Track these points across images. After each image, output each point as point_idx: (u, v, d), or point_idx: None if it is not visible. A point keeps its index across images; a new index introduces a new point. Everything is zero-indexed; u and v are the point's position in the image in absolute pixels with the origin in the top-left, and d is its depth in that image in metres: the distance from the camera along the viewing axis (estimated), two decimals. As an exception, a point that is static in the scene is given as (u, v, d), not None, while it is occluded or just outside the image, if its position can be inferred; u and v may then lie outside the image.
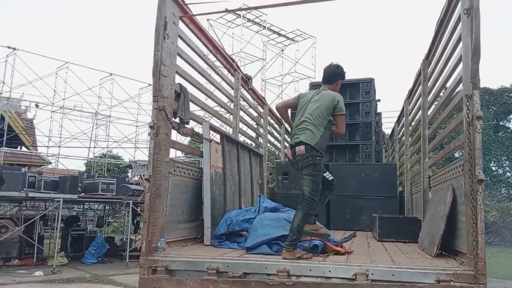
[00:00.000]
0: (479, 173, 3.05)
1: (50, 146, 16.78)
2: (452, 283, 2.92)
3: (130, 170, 28.04)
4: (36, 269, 11.71)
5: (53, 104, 16.94)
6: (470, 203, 3.08)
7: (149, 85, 19.18)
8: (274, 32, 22.50)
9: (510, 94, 37.06)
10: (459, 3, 3.58)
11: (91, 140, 18.24)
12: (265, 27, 21.58)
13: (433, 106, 5.23)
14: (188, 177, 4.49)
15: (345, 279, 3.07)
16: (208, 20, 20.02)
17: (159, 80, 3.83)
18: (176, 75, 4.28)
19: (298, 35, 23.44)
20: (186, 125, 4.49)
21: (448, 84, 4.32)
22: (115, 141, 18.98)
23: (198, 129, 5.23)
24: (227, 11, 21.74)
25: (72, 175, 14.40)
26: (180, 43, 4.38)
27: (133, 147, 18.60)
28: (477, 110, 3.14)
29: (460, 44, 3.63)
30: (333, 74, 4.11)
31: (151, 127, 3.76)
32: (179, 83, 4.35)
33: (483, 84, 3.26)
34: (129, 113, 19.12)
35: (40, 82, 16.61)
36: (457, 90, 4.02)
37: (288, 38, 23.64)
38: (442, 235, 3.68)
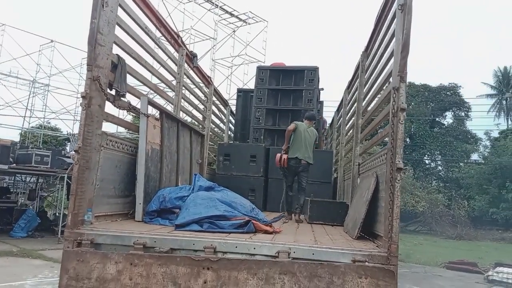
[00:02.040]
0: (399, 161, 3.25)
1: (-20, 113, 15.66)
2: (366, 263, 3.12)
3: (68, 144, 26.90)
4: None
5: (-15, 68, 15.80)
6: (388, 189, 3.28)
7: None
8: (227, 12, 22.22)
9: (448, 92, 39.35)
10: (395, 1, 3.75)
11: (26, 109, 17.25)
12: (217, 5, 21.27)
13: (367, 98, 5.47)
14: (122, 152, 4.40)
15: (268, 256, 3.20)
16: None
17: (95, 49, 3.71)
18: (115, 45, 4.15)
19: (250, 17, 23.33)
20: (122, 98, 4.37)
21: (380, 77, 4.53)
22: (53, 112, 18.07)
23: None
24: None
25: (3, 144, 13.55)
26: (121, 13, 4.25)
27: (72, 119, 17.79)
28: (402, 103, 3.31)
29: (394, 39, 3.81)
30: (312, 117, 6.60)
31: (83, 97, 3.64)
32: (116, 54, 4.23)
33: (423, 80, 3.47)
34: (70, 83, 18.22)
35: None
36: (387, 84, 4.24)
37: (240, 20, 23.45)
38: (364, 219, 3.91)
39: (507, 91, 41.43)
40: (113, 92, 4.19)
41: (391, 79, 3.92)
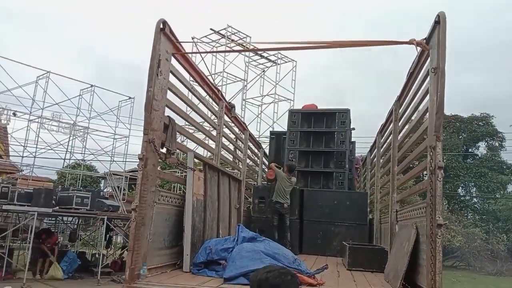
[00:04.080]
0: (439, 218, 3.39)
1: (24, 156, 16.51)
2: (412, 318, 3.23)
3: (102, 181, 27.74)
4: (5, 284, 11.47)
5: (30, 113, 16.77)
6: (430, 244, 3.41)
7: (129, 98, 19.24)
8: (257, 53, 23.02)
9: (480, 123, 38.62)
10: (428, 61, 3.98)
11: (67, 151, 18.06)
12: (248, 48, 22.09)
13: (403, 147, 5.63)
14: (171, 205, 4.69)
15: (317, 311, 3.34)
16: (193, 38, 20.33)
17: (150, 114, 4.07)
18: (166, 108, 4.52)
19: (279, 58, 24.05)
20: (172, 155, 4.71)
21: (415, 129, 4.71)
22: (92, 153, 18.85)
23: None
24: (216, 51, 22.12)
25: (46, 188, 14.24)
26: (171, 78, 4.64)
27: (109, 160, 18.48)
28: (439, 161, 3.49)
29: (427, 97, 4.02)
30: (292, 168, 8.07)
31: (140, 159, 3.97)
32: (168, 116, 4.59)
33: (455, 111, 3.64)
34: (107, 126, 19.06)
35: (19, 90, 16.46)
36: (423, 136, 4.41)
37: (269, 60, 24.21)
38: (406, 270, 4.01)
39: (542, 119, 40.26)
40: (164, 150, 4.53)
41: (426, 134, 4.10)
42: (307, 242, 8.06)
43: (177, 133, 4.88)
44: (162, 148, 4.47)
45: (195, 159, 5.24)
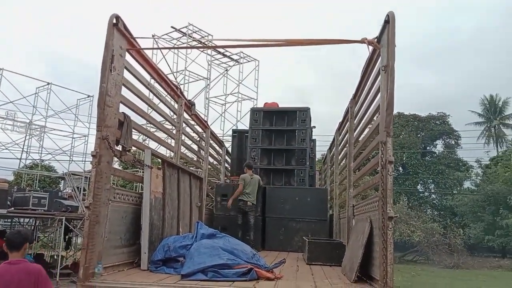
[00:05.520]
0: (390, 210, 3.51)
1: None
2: (364, 307, 3.33)
3: (62, 181, 26.87)
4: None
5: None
6: (381, 236, 3.52)
7: (88, 96, 18.72)
8: (219, 52, 22.94)
9: (437, 122, 40.18)
10: (379, 59, 4.11)
11: (23, 151, 17.37)
12: (210, 47, 21.98)
13: (357, 143, 5.79)
14: (127, 203, 4.62)
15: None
16: (153, 36, 20.01)
17: (104, 110, 4.00)
18: (121, 104, 4.44)
19: (242, 57, 24.10)
20: (128, 152, 4.63)
21: (369, 126, 4.85)
22: (49, 153, 18.21)
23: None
24: (174, 47, 21.87)
25: (1, 188, 13.62)
26: (126, 74, 4.56)
27: (68, 160, 17.90)
28: (390, 156, 3.61)
29: (379, 95, 4.15)
30: (250, 165, 8.18)
31: (93, 156, 3.89)
32: (123, 112, 4.51)
33: (414, 110, 3.77)
34: (66, 125, 18.47)
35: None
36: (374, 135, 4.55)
37: (232, 59, 24.20)
38: (360, 262, 4.12)
39: (494, 118, 42.34)
40: (119, 147, 4.45)
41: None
42: (269, 238, 8.13)
43: (135, 131, 4.81)
44: (117, 145, 4.40)
45: (154, 157, 5.18)
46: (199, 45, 21.20)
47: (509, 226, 27.67)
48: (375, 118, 4.57)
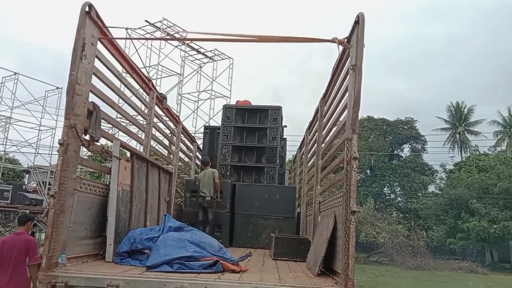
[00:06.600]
0: (353, 205, 3.62)
1: None
2: (325, 299, 3.43)
3: (26, 175, 26.08)
4: None
5: None
6: (344, 230, 3.63)
7: (57, 88, 18.28)
8: (193, 48, 22.81)
9: (404, 126, 41.32)
10: (348, 59, 4.23)
11: (-15, 141, 16.80)
12: (184, 43, 21.84)
13: (326, 141, 5.91)
14: (94, 194, 4.57)
15: (234, 295, 3.44)
16: (126, 29, 19.70)
17: (73, 98, 3.95)
18: (90, 93, 4.39)
19: (216, 54, 24.03)
20: (96, 143, 4.58)
21: (337, 123, 4.98)
22: (14, 145, 17.66)
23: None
24: (147, 38, 21.59)
25: (-41, 180, 13.16)
26: (97, 63, 4.51)
27: (34, 152, 17.42)
28: (355, 152, 3.72)
29: (347, 94, 4.27)
30: (205, 162, 8.27)
31: (60, 144, 3.84)
32: (92, 102, 4.46)
33: (382, 115, 3.89)
34: (32, 116, 17.96)
35: None
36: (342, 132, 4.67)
37: (206, 56, 24.10)
38: (324, 256, 4.23)
39: (460, 125, 43.87)
40: (87, 137, 4.40)
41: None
42: (237, 235, 8.18)
43: (104, 121, 4.76)
44: (85, 135, 4.35)
45: (123, 149, 5.14)
46: (173, 41, 21.01)
47: (470, 229, 28.75)
48: (342, 116, 4.70)
